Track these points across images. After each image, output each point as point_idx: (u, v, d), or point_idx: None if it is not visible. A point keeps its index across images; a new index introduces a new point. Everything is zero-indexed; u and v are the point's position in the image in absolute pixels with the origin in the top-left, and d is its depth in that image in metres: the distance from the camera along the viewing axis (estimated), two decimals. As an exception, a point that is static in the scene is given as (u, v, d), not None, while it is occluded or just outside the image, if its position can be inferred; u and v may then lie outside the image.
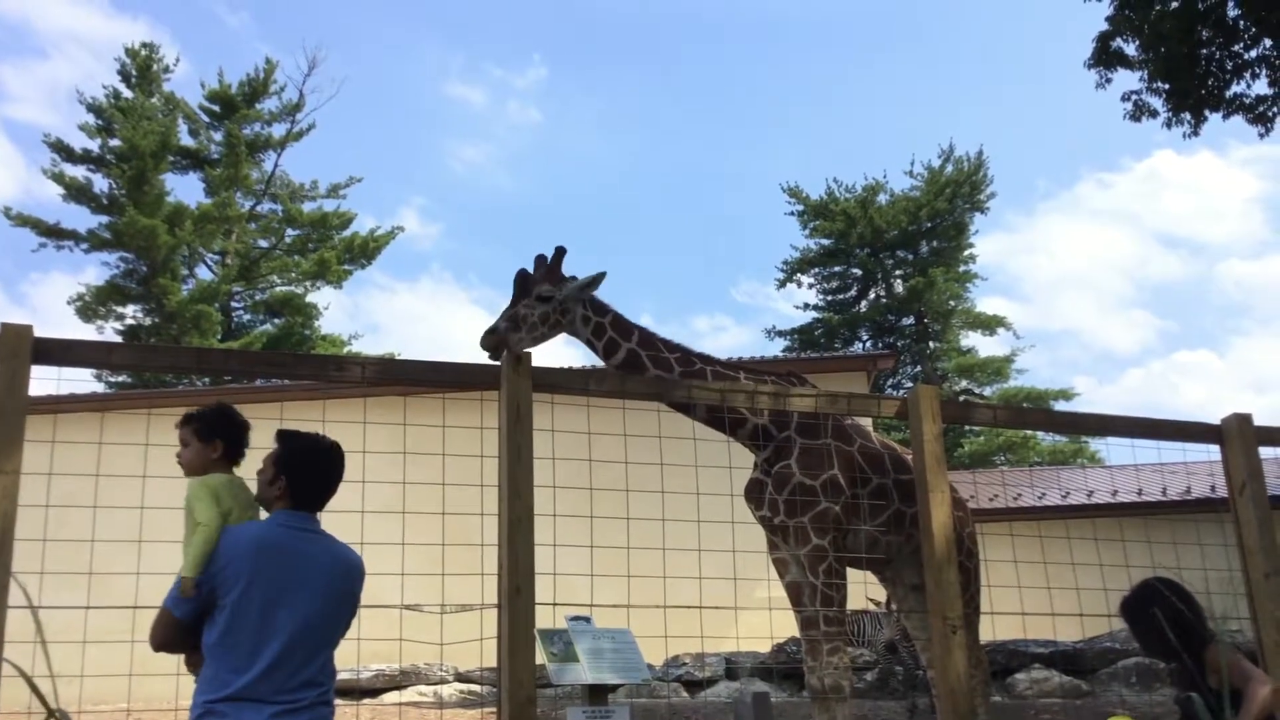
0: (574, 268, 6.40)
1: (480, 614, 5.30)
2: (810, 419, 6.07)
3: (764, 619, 6.57)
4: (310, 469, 3.23)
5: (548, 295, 6.11)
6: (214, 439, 3.48)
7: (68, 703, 2.79)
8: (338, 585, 3.10)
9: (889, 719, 10.09)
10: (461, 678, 12.94)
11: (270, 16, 55.70)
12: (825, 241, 40.72)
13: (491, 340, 6.03)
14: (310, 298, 35.67)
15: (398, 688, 12.47)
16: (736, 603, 6.85)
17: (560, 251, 6.29)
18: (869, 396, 5.71)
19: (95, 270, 65.35)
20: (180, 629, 3.05)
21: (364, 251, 35.76)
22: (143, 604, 4.31)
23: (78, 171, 33.38)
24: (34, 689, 2.54)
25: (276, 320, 35.32)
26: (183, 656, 3.20)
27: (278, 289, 35.55)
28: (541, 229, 62.46)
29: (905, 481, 6.12)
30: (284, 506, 3.17)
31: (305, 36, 72.65)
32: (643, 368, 6.09)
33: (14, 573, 3.20)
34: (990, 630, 8.61)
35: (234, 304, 35.48)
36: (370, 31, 58.34)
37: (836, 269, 41.27)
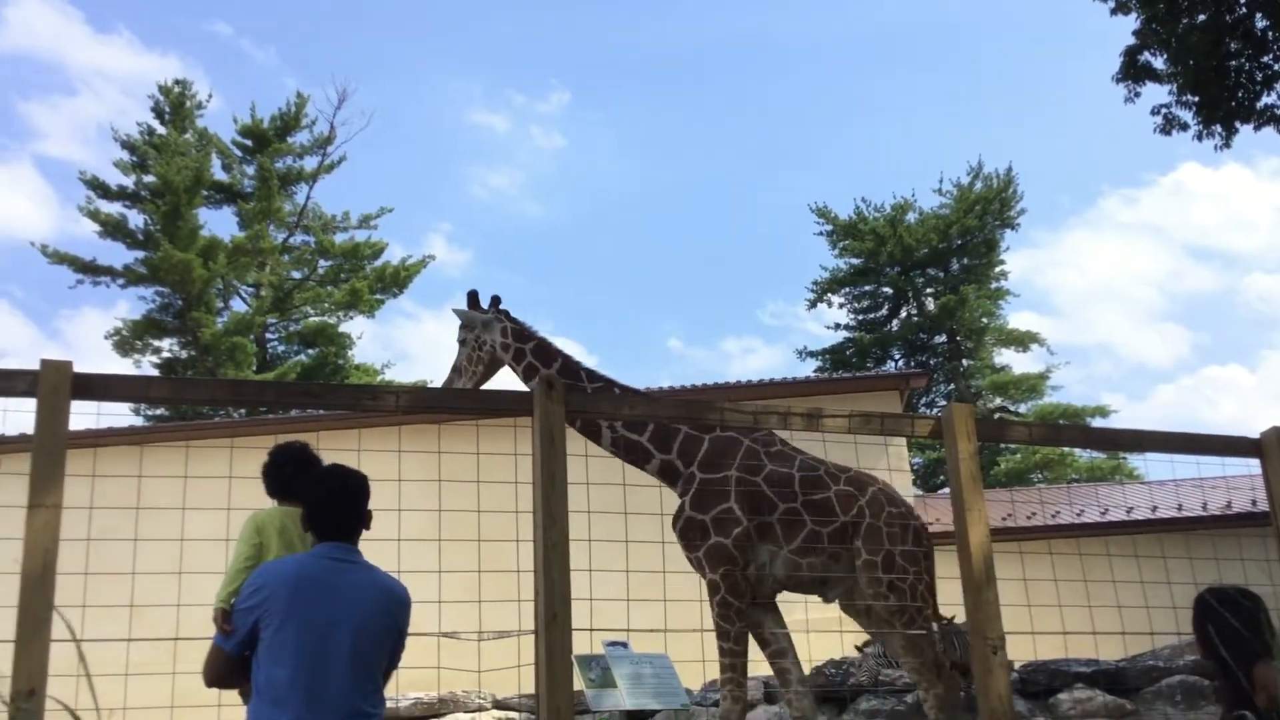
0: (598, 291, 6.48)
1: (518, 640, 5.30)
2: (718, 451, 6.11)
3: (800, 642, 6.52)
4: (322, 501, 3.25)
5: (461, 340, 6.42)
6: (263, 479, 3.59)
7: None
8: (380, 615, 3.11)
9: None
10: (500, 705, 12.91)
11: (296, 52, 56.43)
12: (855, 261, 40.61)
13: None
14: (343, 328, 35.97)
15: (436, 716, 12.46)
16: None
17: (471, 294, 6.54)
18: (903, 416, 5.70)
19: (128, 305, 66.17)
20: (231, 663, 3.09)
21: (395, 281, 36.02)
22: (183, 635, 4.35)
23: (113, 208, 33.94)
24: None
25: (310, 351, 35.61)
26: (236, 690, 3.25)
27: (311, 319, 35.85)
28: (566, 253, 62.69)
29: (819, 500, 6.10)
30: (315, 540, 3.19)
31: (330, 70, 73.38)
32: None
33: (57, 606, 3.24)
34: (1032, 650, 8.51)
35: (268, 335, 35.80)
36: (391, 62, 58.94)
37: (867, 288, 41.14)
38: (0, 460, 14.87)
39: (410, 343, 54.75)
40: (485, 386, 6.30)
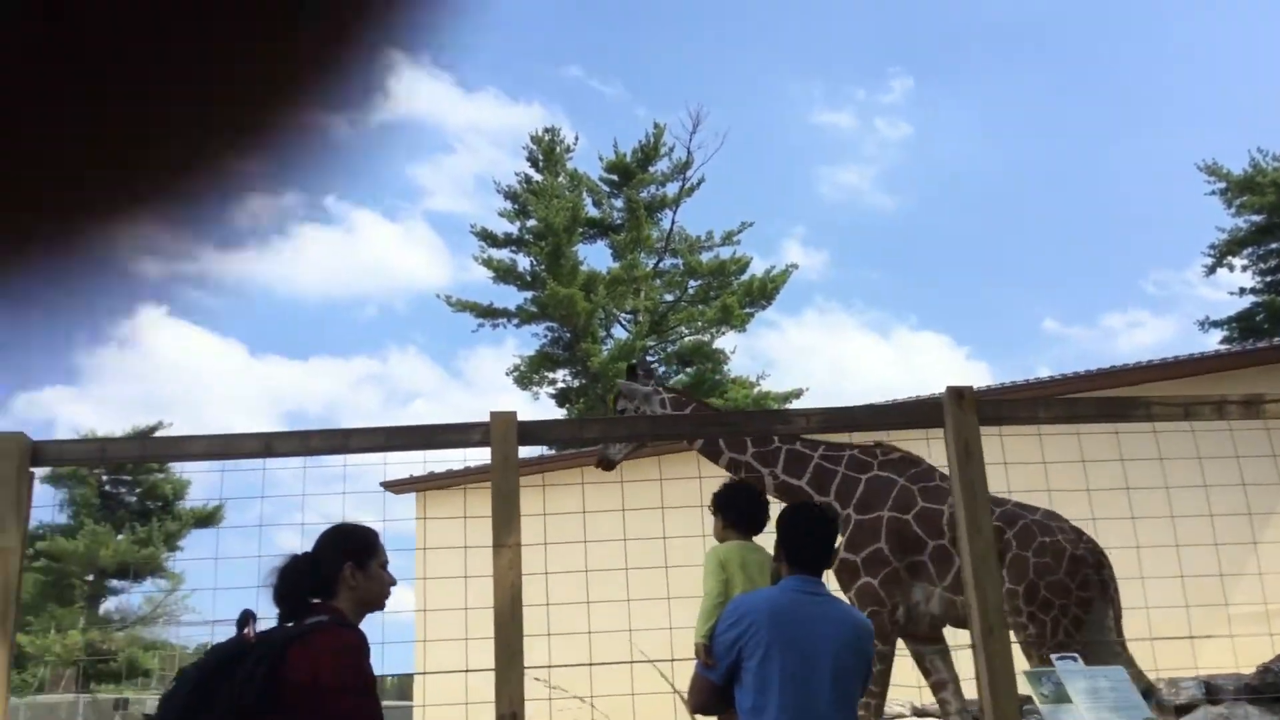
0: (963, 279, 6.34)
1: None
2: (873, 492, 5.98)
3: (1246, 641, 6.08)
4: (800, 534, 3.40)
5: (621, 410, 6.51)
6: (720, 512, 3.82)
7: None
8: (852, 645, 3.24)
9: None
10: (919, 712, 12.81)
11: (640, 82, 58.74)
12: (1256, 218, 36.88)
13: (598, 459, 6.22)
14: (716, 344, 36.96)
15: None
16: (1191, 630, 6.36)
17: (630, 367, 6.69)
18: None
19: (516, 341, 71.17)
20: (715, 692, 3.33)
21: (762, 293, 36.61)
22: (638, 659, 4.68)
23: (502, 254, 36.82)
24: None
25: (689, 369, 36.84)
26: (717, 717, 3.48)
27: (686, 339, 37.13)
28: (925, 243, 60.82)
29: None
30: (788, 572, 3.36)
31: (670, 93, 75.62)
32: (719, 452, 6.11)
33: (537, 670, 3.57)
34: None
35: (649, 358, 37.41)
36: (729, 76, 59.73)
37: (1273, 246, 37.23)
38: (466, 496, 16.50)
39: (778, 352, 55.27)
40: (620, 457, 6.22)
